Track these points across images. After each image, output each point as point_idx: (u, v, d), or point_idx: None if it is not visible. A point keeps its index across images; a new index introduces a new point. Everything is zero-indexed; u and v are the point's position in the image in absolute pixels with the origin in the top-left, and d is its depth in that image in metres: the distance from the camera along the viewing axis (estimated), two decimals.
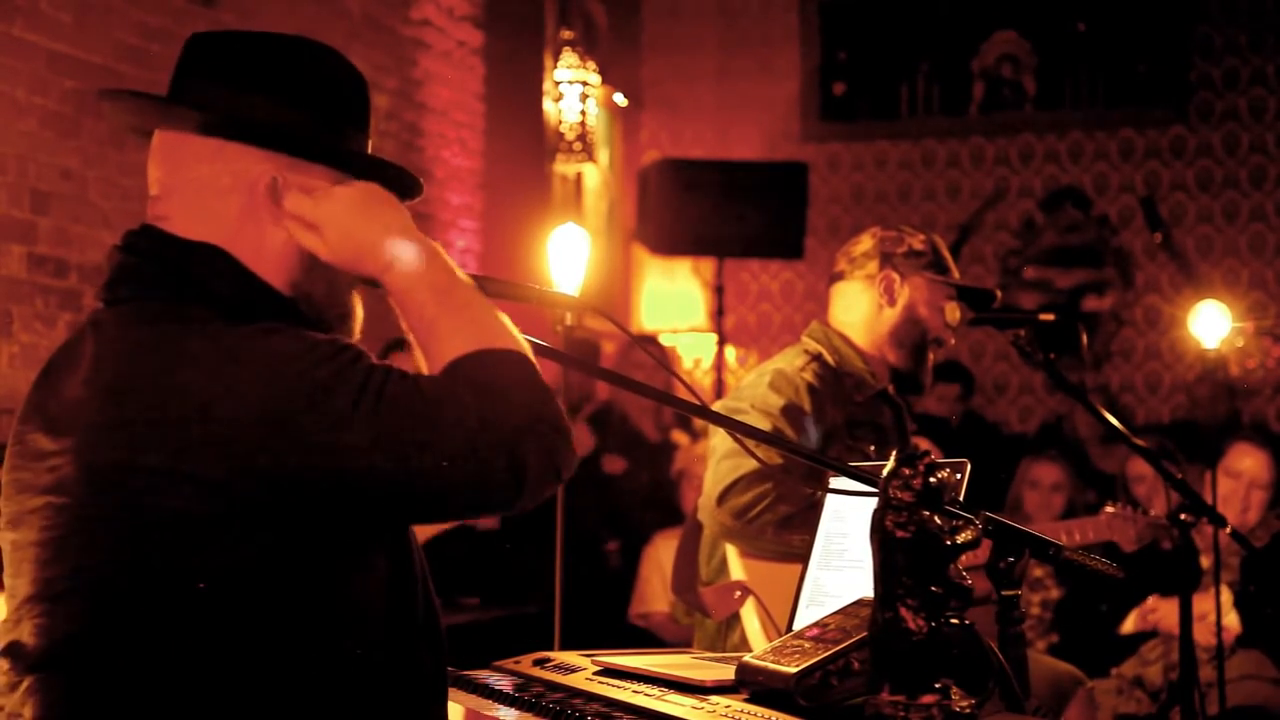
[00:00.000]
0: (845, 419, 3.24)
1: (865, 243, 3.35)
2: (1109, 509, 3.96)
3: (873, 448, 3.26)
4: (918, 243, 3.31)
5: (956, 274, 3.39)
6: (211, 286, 1.74)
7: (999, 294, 3.57)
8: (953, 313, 3.39)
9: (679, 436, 6.68)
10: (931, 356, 3.37)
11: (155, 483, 1.61)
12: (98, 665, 1.64)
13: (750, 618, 3.06)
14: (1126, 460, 5.24)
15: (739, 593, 3.08)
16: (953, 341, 3.40)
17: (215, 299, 1.73)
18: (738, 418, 2.64)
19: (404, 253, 1.74)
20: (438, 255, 1.76)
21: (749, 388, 3.24)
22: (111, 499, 1.63)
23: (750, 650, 2.39)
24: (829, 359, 3.28)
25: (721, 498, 3.06)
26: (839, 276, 3.38)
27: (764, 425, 3.03)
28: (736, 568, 3.14)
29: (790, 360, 3.27)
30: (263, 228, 1.78)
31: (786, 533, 2.97)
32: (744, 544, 3.11)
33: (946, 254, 3.37)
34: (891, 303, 3.30)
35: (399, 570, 1.77)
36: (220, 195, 1.77)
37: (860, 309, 3.33)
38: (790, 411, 3.14)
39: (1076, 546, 3.87)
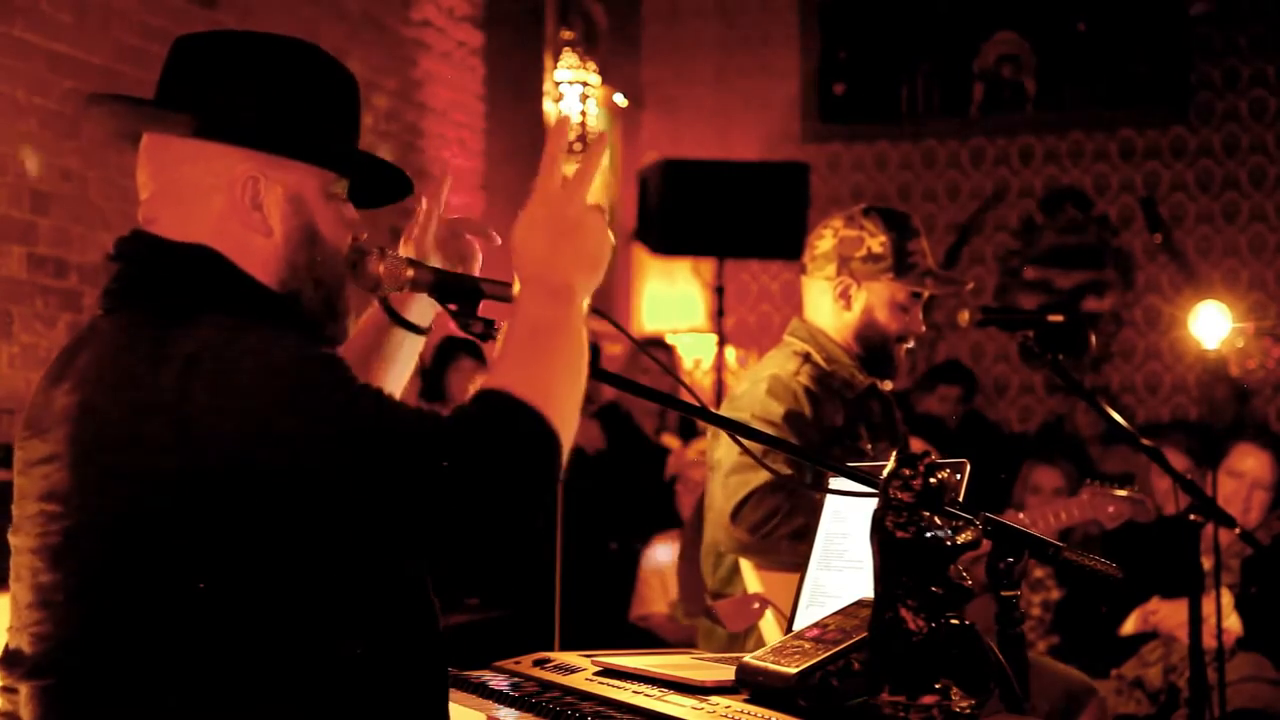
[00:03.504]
0: (844, 418, 3.23)
1: (826, 241, 3.29)
2: (1088, 487, 4.01)
3: (869, 445, 3.24)
4: (877, 244, 3.23)
5: (930, 262, 3.30)
6: (204, 286, 1.74)
7: (970, 284, 3.54)
8: (961, 316, 3.37)
9: (670, 440, 6.67)
10: (900, 351, 3.32)
11: (143, 486, 1.60)
12: (94, 671, 1.64)
13: (770, 629, 3.04)
14: (1149, 464, 5.23)
15: (757, 605, 3.06)
16: (922, 329, 3.34)
17: (209, 299, 1.72)
18: None
19: (570, 292, 1.72)
20: (579, 304, 1.73)
21: (746, 396, 3.20)
22: (103, 504, 1.63)
23: None
24: (818, 358, 3.25)
25: (735, 515, 3.02)
26: (804, 271, 3.36)
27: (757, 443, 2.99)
28: (753, 580, 3.11)
29: (782, 364, 3.24)
30: (247, 227, 1.77)
31: (801, 543, 2.95)
32: (759, 558, 3.08)
33: (916, 248, 3.26)
34: (848, 307, 3.27)
35: (399, 570, 1.77)
36: (203, 195, 1.77)
37: (824, 308, 3.30)
38: (792, 418, 3.11)
39: (1065, 527, 3.92)
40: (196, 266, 1.75)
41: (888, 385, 3.37)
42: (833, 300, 3.27)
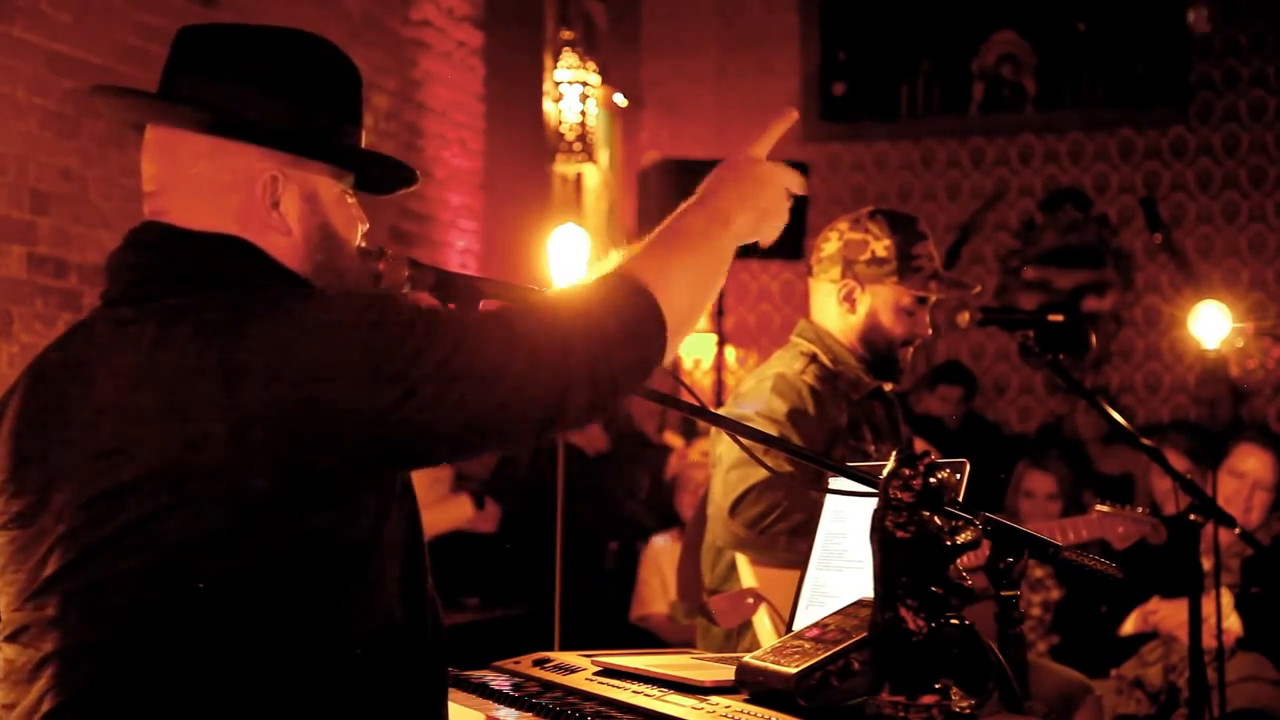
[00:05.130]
0: (848, 419, 3.24)
1: (831, 244, 3.30)
2: (1099, 507, 3.99)
3: (873, 446, 3.25)
4: (881, 248, 3.24)
5: (937, 263, 3.31)
6: (238, 274, 1.74)
7: (976, 288, 3.54)
8: (961, 317, 3.38)
9: (673, 439, 6.67)
10: (905, 354, 3.32)
11: (213, 478, 1.60)
12: (118, 657, 1.64)
13: (763, 625, 3.05)
14: (1149, 465, 5.24)
15: (751, 600, 3.06)
16: (928, 333, 3.34)
17: (243, 286, 1.72)
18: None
19: (726, 218, 1.80)
20: (731, 233, 1.81)
21: (751, 393, 3.21)
22: (170, 496, 1.61)
23: None
24: (824, 359, 3.26)
25: (734, 509, 3.03)
26: (810, 273, 3.37)
27: (771, 432, 3.00)
28: (748, 575, 3.12)
29: (789, 363, 3.25)
30: (267, 226, 1.78)
31: (799, 540, 2.95)
32: (757, 553, 3.09)
33: (921, 251, 3.27)
34: (853, 310, 3.27)
35: (403, 570, 1.77)
36: (221, 191, 1.77)
37: (830, 311, 3.31)
38: (795, 416, 3.12)
39: (1072, 545, 3.88)
40: (230, 255, 1.75)
41: (888, 386, 3.38)
42: (838, 303, 3.28)
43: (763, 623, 3.04)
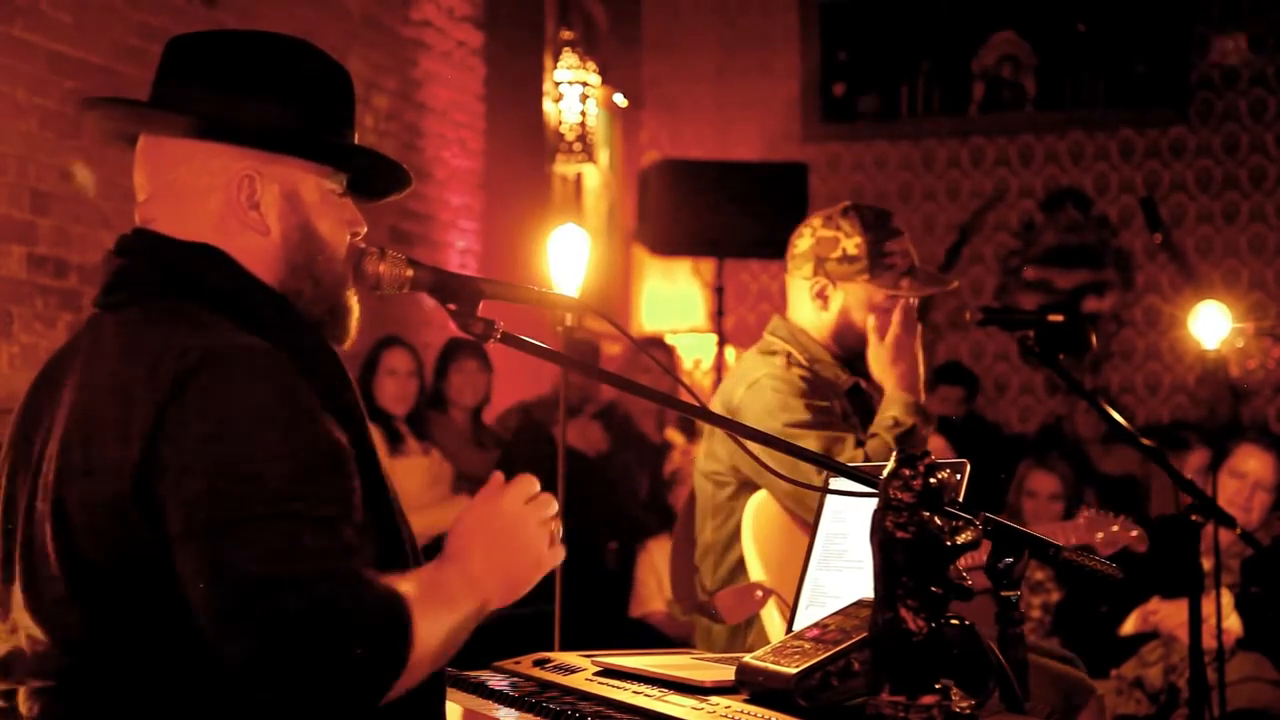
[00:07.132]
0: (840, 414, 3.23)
1: (804, 240, 3.27)
2: (1085, 513, 3.97)
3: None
4: (853, 246, 3.20)
5: (912, 259, 3.26)
6: (209, 285, 1.74)
7: (954, 283, 3.52)
8: (963, 316, 3.37)
9: (674, 436, 6.67)
10: None
11: (148, 487, 1.60)
12: (93, 673, 1.64)
13: (772, 619, 3.03)
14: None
15: (760, 593, 3.04)
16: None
17: (213, 297, 1.73)
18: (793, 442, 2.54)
19: (485, 607, 1.77)
20: (486, 610, 1.77)
21: (753, 405, 3.14)
22: (97, 503, 1.62)
23: None
24: (800, 358, 3.24)
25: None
26: (786, 270, 3.35)
27: (818, 442, 2.99)
28: (756, 568, 3.10)
29: (770, 365, 3.21)
30: (245, 226, 1.78)
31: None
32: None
33: (895, 248, 3.23)
34: (825, 308, 3.25)
35: (398, 569, 1.77)
36: (201, 196, 1.78)
37: (804, 309, 3.29)
38: (818, 412, 3.12)
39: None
40: (201, 265, 1.75)
41: (865, 383, 3.36)
42: (810, 300, 3.26)
43: (771, 617, 3.02)
